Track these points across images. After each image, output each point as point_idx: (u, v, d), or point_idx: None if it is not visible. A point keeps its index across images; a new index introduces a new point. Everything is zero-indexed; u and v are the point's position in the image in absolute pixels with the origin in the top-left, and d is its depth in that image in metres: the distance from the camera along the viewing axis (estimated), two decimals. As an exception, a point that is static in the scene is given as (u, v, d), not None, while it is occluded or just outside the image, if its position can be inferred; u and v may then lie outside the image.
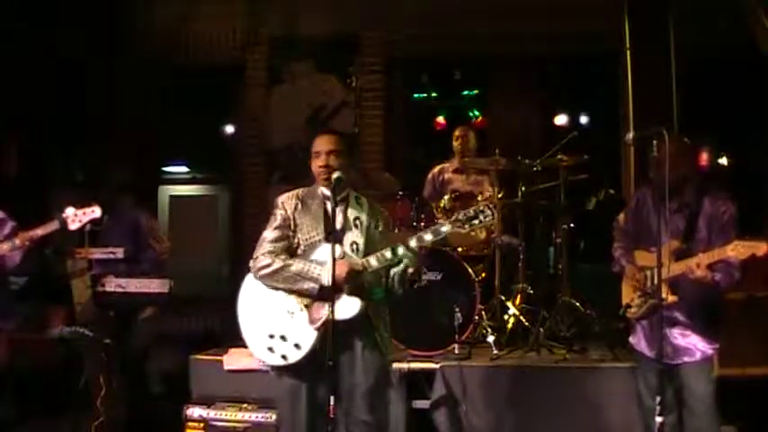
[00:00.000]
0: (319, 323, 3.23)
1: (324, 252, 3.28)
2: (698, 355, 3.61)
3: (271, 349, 3.32)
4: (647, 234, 3.76)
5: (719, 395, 3.60)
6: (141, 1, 7.05)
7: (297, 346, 3.27)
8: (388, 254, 3.26)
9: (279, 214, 3.46)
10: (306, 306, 3.30)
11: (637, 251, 3.81)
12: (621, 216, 4.03)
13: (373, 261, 3.27)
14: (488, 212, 3.20)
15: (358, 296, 3.25)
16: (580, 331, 5.03)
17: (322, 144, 3.42)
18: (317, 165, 3.41)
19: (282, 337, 3.31)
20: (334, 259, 3.13)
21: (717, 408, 3.58)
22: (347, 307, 3.23)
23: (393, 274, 3.35)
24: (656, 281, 3.53)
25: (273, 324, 3.34)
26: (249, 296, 3.45)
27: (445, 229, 3.24)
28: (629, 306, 3.77)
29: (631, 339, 3.86)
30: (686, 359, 3.62)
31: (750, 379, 4.38)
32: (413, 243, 3.24)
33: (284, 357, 3.30)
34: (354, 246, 3.36)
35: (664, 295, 3.50)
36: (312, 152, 3.45)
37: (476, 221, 3.21)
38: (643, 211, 3.83)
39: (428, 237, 3.25)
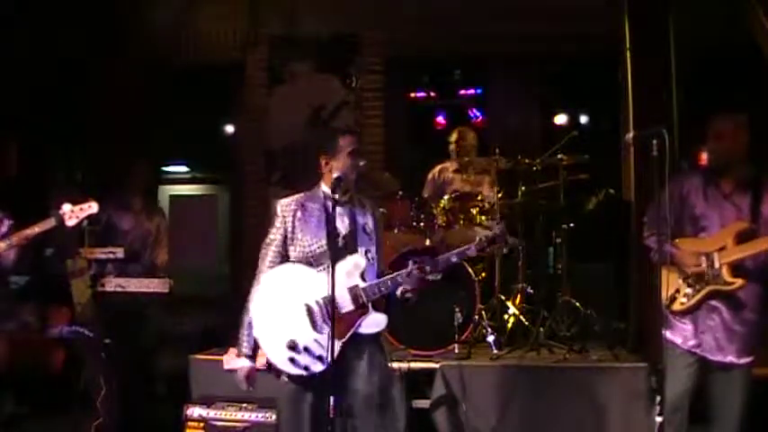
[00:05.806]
0: (347, 337, 3.20)
1: (340, 265, 3.21)
2: (741, 360, 3.47)
3: (293, 360, 3.22)
4: (691, 221, 3.56)
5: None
6: (141, 1, 7.04)
7: (320, 358, 3.20)
8: (389, 282, 3.26)
9: (277, 221, 3.41)
10: (330, 318, 3.22)
11: (680, 239, 3.56)
12: (654, 204, 3.69)
13: (380, 288, 3.25)
14: (504, 240, 3.37)
15: (383, 311, 3.28)
16: (580, 331, 5.03)
17: (356, 143, 3.41)
18: (354, 163, 3.36)
19: (306, 349, 3.22)
20: (333, 260, 3.11)
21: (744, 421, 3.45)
22: (375, 322, 3.27)
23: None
24: (716, 265, 3.40)
25: (295, 334, 3.24)
26: (266, 302, 3.32)
27: (471, 252, 3.33)
28: (674, 297, 3.52)
29: (667, 333, 3.52)
30: (730, 358, 3.46)
31: (751, 379, 4.37)
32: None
33: (307, 369, 3.21)
34: (369, 254, 3.35)
35: (730, 279, 3.39)
36: (344, 151, 3.37)
37: (495, 245, 3.37)
38: (689, 198, 3.59)
39: (454, 259, 3.35)
